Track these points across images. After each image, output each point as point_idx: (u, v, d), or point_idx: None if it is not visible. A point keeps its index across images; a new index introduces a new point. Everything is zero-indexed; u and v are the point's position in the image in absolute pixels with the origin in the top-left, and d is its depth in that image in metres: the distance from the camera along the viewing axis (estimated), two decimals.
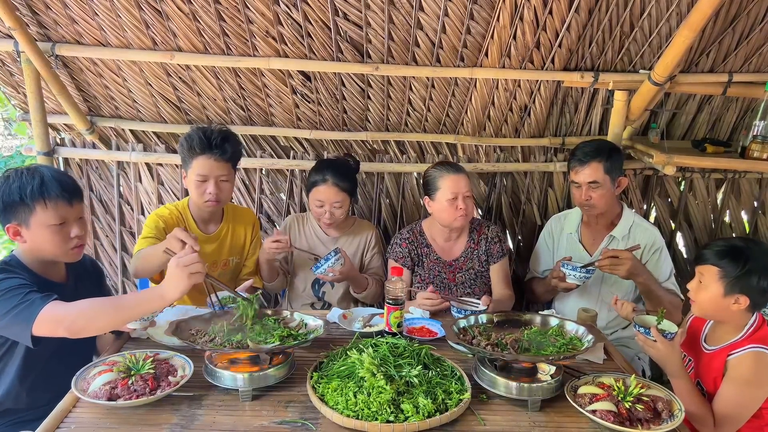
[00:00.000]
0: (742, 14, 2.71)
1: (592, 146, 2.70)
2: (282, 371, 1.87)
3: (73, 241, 1.99)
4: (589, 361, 2.14)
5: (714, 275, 1.98)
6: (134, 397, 1.70)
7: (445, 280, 2.81)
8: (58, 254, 1.99)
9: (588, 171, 2.66)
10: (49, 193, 1.91)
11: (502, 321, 2.14)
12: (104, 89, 3.20)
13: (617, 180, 2.72)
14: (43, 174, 1.93)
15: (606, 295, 2.87)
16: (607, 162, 2.65)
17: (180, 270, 1.76)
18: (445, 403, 1.74)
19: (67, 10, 2.78)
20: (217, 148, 2.47)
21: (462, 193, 2.63)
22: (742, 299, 1.96)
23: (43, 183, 1.91)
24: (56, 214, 1.93)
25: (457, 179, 2.65)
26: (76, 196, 2.00)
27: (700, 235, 3.62)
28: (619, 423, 1.68)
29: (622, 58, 2.93)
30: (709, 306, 2.03)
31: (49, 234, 1.93)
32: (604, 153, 2.66)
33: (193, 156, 2.47)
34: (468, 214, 2.67)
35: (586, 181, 2.67)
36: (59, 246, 1.96)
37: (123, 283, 3.62)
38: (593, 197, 2.69)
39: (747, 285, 1.94)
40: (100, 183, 3.49)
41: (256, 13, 2.70)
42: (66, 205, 1.95)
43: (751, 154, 2.80)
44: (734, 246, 2.00)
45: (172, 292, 1.77)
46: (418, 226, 2.89)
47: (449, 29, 2.74)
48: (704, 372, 2.09)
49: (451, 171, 2.67)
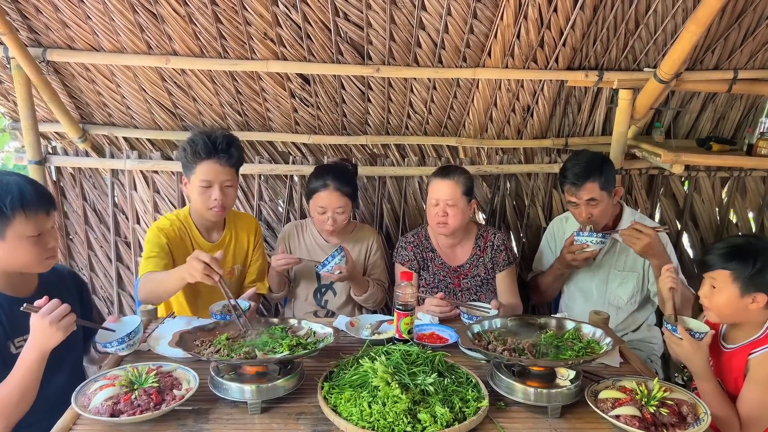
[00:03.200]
0: (749, 9, 2.68)
1: (581, 165, 2.60)
2: (291, 382, 1.79)
3: (48, 252, 1.91)
4: (606, 365, 2.09)
5: (727, 278, 1.94)
6: (138, 413, 1.61)
7: (450, 285, 2.75)
8: (32, 265, 1.91)
9: (584, 192, 2.59)
10: (28, 204, 1.82)
11: (516, 325, 2.07)
12: (97, 96, 3.12)
13: (614, 191, 2.68)
14: (19, 184, 1.85)
15: (613, 297, 2.83)
16: (602, 178, 2.58)
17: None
18: (463, 411, 1.67)
19: (59, 14, 2.71)
20: (223, 152, 2.40)
21: (443, 200, 2.57)
22: (760, 297, 1.91)
23: (21, 193, 1.82)
24: (35, 226, 1.85)
25: (441, 185, 2.59)
26: (53, 205, 1.93)
27: (707, 235, 3.58)
28: (645, 428, 1.61)
29: (626, 56, 2.89)
30: (728, 309, 1.98)
31: (26, 245, 1.85)
32: (597, 170, 2.58)
33: (198, 161, 2.40)
34: (449, 223, 2.59)
35: (584, 201, 2.62)
36: (35, 257, 1.88)
37: (119, 295, 3.53)
38: (594, 213, 2.64)
39: (762, 282, 1.90)
40: (93, 192, 3.41)
41: (255, 15, 2.64)
42: (44, 216, 1.87)
43: (759, 152, 2.78)
44: (738, 246, 1.96)
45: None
46: (423, 230, 2.83)
47: (452, 29, 2.69)
48: (724, 371, 2.04)
49: (437, 176, 2.64)
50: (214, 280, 1.98)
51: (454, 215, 2.59)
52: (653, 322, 2.91)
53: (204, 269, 1.97)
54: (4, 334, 1.88)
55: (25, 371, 1.75)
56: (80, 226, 3.45)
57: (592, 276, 2.84)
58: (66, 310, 1.74)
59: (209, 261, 1.97)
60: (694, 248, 3.64)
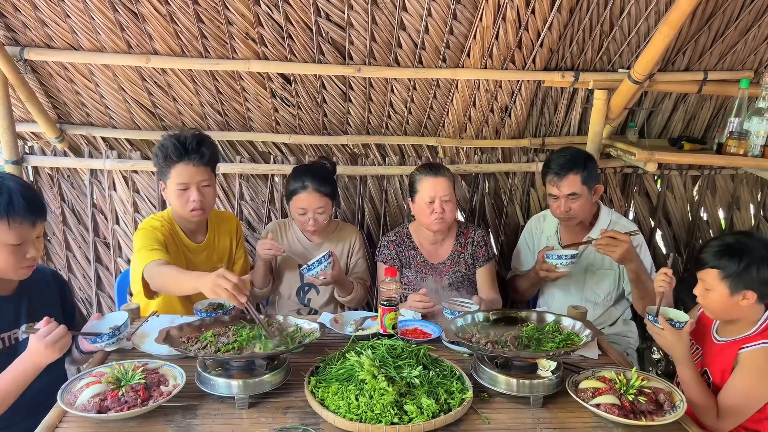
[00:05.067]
0: (718, 12, 2.77)
1: (566, 157, 2.65)
2: (278, 377, 1.81)
3: (27, 261, 1.90)
4: (585, 357, 2.14)
5: (715, 277, 1.98)
6: (125, 409, 1.61)
7: (432, 283, 2.78)
8: (8, 272, 1.90)
9: (566, 184, 2.62)
10: (14, 213, 1.81)
11: (498, 319, 2.11)
12: (75, 95, 3.09)
13: (594, 188, 2.73)
14: (11, 190, 1.83)
15: (590, 294, 2.88)
16: (584, 172, 2.62)
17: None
18: (448, 403, 1.71)
19: (37, 12, 2.68)
20: (194, 152, 2.39)
21: (439, 196, 2.60)
22: (749, 294, 1.95)
23: (10, 201, 1.81)
24: (17, 235, 1.83)
25: (435, 182, 2.62)
26: (41, 216, 1.91)
27: (679, 232, 3.68)
28: (624, 416, 1.67)
29: (601, 57, 2.96)
30: (719, 307, 2.03)
31: (4, 253, 1.84)
32: (580, 164, 2.62)
33: (171, 165, 2.39)
34: (446, 218, 2.63)
35: (564, 194, 2.65)
36: (11, 265, 1.87)
37: (98, 296, 3.50)
38: (573, 208, 2.66)
39: (749, 279, 1.94)
40: (72, 192, 3.37)
41: (236, 15, 2.65)
42: (29, 227, 1.86)
43: (728, 150, 2.86)
44: (728, 244, 2.00)
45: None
46: (405, 228, 2.86)
47: (432, 29, 2.73)
48: (713, 362, 2.09)
49: (430, 173, 2.64)
50: (242, 302, 1.90)
51: (450, 210, 2.63)
52: (629, 317, 2.97)
53: (233, 288, 1.87)
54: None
55: (15, 377, 1.77)
56: (58, 227, 3.41)
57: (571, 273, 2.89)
58: (62, 333, 1.76)
59: (238, 283, 1.88)
60: (667, 245, 3.74)
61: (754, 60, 3.08)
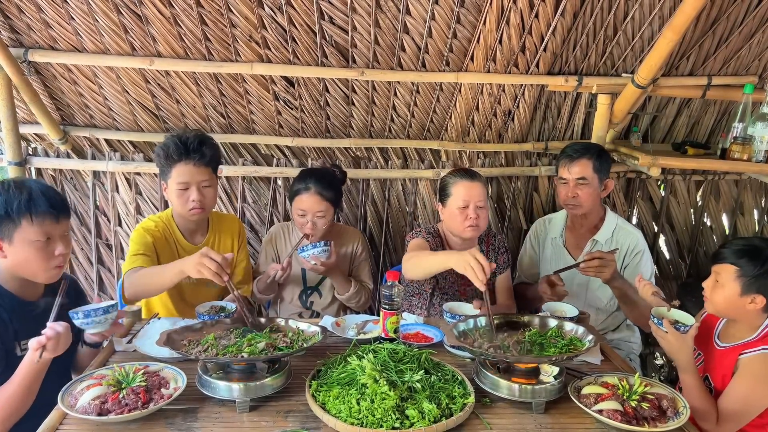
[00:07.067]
0: (722, 17, 2.76)
1: (582, 145, 2.75)
2: (279, 380, 1.80)
3: (56, 260, 1.91)
4: (587, 362, 2.13)
5: (731, 274, 1.97)
6: (126, 411, 1.61)
7: (457, 293, 2.72)
8: (38, 273, 1.91)
9: (577, 167, 2.68)
10: (36, 209, 1.84)
11: (500, 323, 2.10)
12: (79, 97, 3.09)
13: (604, 182, 2.73)
14: (31, 188, 1.87)
15: (593, 300, 2.87)
16: (597, 161, 2.68)
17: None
18: (450, 407, 1.70)
19: (42, 14, 2.69)
20: (195, 152, 2.40)
21: (474, 202, 2.52)
22: (759, 299, 1.95)
23: (31, 198, 1.84)
24: (42, 230, 1.85)
25: (471, 187, 2.54)
26: (64, 212, 1.93)
27: (682, 237, 3.67)
28: (626, 422, 1.66)
29: (605, 61, 2.96)
30: (725, 305, 2.02)
31: (32, 250, 1.85)
32: (594, 152, 2.70)
33: (172, 164, 2.40)
34: (480, 225, 2.55)
35: (574, 178, 2.69)
36: (42, 263, 1.88)
37: (100, 298, 3.49)
38: (580, 195, 2.69)
39: (764, 284, 1.93)
40: (75, 194, 3.37)
41: (240, 17, 2.65)
42: (52, 222, 1.88)
43: (732, 155, 2.85)
44: (754, 245, 1.98)
45: None
46: (435, 228, 2.77)
47: (436, 33, 2.73)
48: (714, 368, 2.08)
49: (465, 178, 2.57)
50: (224, 280, 1.96)
51: (484, 217, 2.57)
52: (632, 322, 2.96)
53: (217, 268, 1.94)
54: (13, 335, 1.89)
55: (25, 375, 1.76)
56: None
57: (573, 278, 2.89)
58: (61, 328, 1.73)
59: (221, 261, 1.96)
60: (670, 250, 3.72)
61: (759, 65, 3.08)
